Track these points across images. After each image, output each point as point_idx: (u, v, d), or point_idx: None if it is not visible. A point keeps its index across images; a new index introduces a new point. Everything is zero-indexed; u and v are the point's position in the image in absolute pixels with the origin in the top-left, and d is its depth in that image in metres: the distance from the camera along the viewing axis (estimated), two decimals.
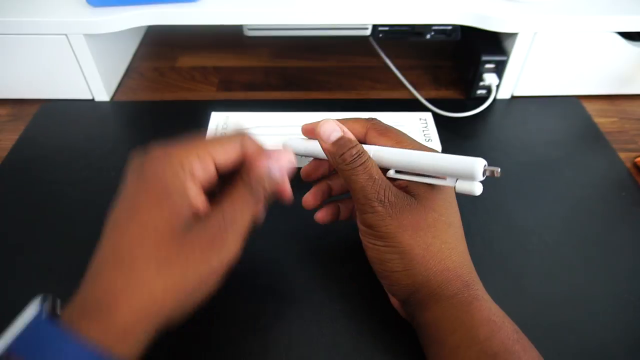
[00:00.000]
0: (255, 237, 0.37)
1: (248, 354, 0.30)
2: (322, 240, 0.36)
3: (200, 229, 0.23)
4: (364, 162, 0.27)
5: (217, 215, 0.24)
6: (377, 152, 0.29)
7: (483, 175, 0.25)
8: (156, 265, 0.22)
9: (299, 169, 0.32)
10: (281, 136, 0.41)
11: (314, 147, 0.31)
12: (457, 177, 0.26)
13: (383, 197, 0.26)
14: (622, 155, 0.44)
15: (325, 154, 0.29)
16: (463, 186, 0.26)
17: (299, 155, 0.32)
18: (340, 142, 0.28)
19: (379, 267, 0.28)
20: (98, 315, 0.21)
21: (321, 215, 0.32)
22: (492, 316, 0.26)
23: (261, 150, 0.26)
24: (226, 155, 0.25)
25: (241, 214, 0.24)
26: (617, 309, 0.33)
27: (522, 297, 0.33)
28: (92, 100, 0.50)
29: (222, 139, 0.26)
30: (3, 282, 0.34)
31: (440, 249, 0.27)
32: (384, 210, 0.26)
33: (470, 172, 0.25)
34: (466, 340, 0.25)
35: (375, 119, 0.31)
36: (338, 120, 0.30)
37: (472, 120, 0.48)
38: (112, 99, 0.51)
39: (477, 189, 0.25)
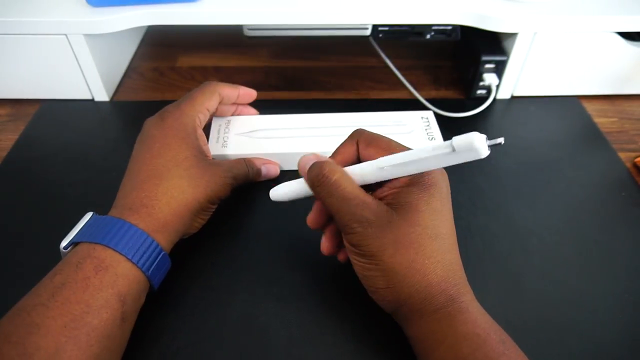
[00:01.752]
0: (256, 237, 0.37)
1: (248, 354, 0.30)
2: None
3: (216, 170, 0.34)
4: (333, 182, 0.27)
5: (226, 170, 0.34)
6: (365, 169, 0.28)
7: (488, 149, 0.24)
8: (188, 179, 0.32)
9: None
10: (282, 138, 0.41)
11: (300, 187, 0.31)
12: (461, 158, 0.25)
13: (360, 218, 0.26)
14: (622, 155, 0.44)
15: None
16: (466, 156, 0.25)
17: (289, 200, 0.32)
18: (311, 168, 0.28)
19: (364, 283, 0.28)
20: (144, 211, 0.30)
21: (326, 247, 0.32)
22: (476, 329, 0.25)
23: (233, 91, 0.40)
24: (214, 102, 0.38)
25: (239, 171, 0.36)
26: (617, 309, 0.33)
27: (522, 297, 0.33)
28: (92, 100, 0.50)
29: (206, 93, 0.37)
30: (2, 282, 0.34)
31: (424, 265, 0.26)
32: (363, 231, 0.26)
33: (473, 151, 0.24)
34: (449, 355, 0.25)
35: (360, 130, 0.30)
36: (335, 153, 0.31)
37: (472, 120, 0.48)
38: (112, 99, 0.51)
39: (483, 152, 0.24)
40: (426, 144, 0.40)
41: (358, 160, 0.30)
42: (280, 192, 0.32)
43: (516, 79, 0.49)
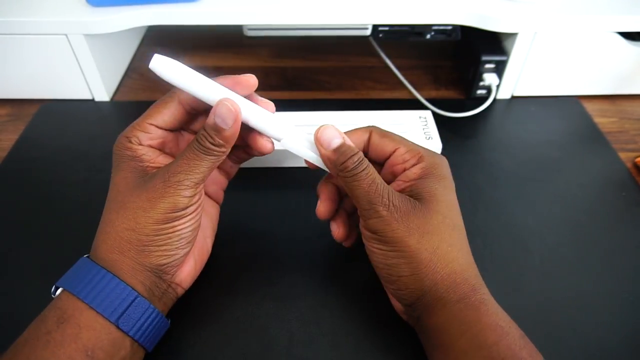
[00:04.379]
0: (255, 237, 0.37)
1: (248, 354, 0.30)
2: (322, 240, 0.36)
3: (149, 181, 0.27)
4: (365, 167, 0.27)
5: (164, 170, 0.27)
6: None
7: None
8: (116, 209, 0.27)
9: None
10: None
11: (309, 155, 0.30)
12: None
13: (387, 201, 0.26)
14: (622, 155, 0.44)
15: (324, 162, 0.29)
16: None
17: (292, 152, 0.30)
18: (341, 149, 0.27)
19: (385, 272, 0.28)
20: (93, 254, 0.27)
21: (340, 234, 0.32)
22: (499, 321, 0.26)
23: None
24: (162, 117, 0.29)
25: (187, 167, 0.27)
26: (617, 309, 0.33)
27: (522, 297, 0.33)
28: (92, 100, 0.50)
29: (158, 104, 0.29)
30: (2, 282, 0.34)
31: (447, 252, 0.27)
32: (389, 215, 0.26)
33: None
34: (473, 345, 0.25)
35: (374, 126, 0.31)
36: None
37: (472, 120, 0.48)
38: (112, 99, 0.51)
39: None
40: (423, 143, 0.40)
41: (366, 149, 0.31)
42: (293, 143, 0.30)
43: (516, 79, 0.49)
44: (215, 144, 0.27)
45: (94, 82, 0.48)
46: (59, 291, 0.26)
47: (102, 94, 0.49)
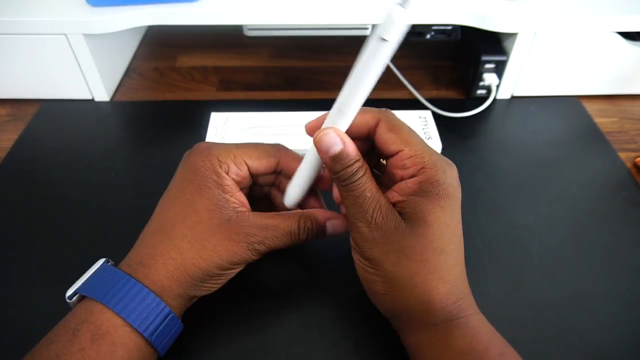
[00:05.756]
0: None
1: (248, 354, 0.30)
2: (322, 240, 0.36)
3: (233, 228, 0.27)
4: (359, 178, 0.26)
5: (253, 228, 0.27)
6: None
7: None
8: (191, 240, 0.27)
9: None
10: (282, 135, 0.41)
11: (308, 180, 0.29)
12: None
13: (370, 218, 0.25)
14: (622, 155, 0.44)
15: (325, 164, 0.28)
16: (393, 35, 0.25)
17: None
18: (339, 156, 0.25)
19: (364, 284, 0.28)
20: (142, 270, 0.26)
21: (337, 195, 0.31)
22: (474, 344, 0.25)
23: (296, 162, 0.30)
24: (259, 163, 0.29)
25: (272, 240, 0.28)
26: (617, 309, 0.33)
27: (522, 298, 0.33)
28: (92, 100, 0.50)
29: (260, 148, 0.30)
30: (3, 282, 0.33)
31: (426, 279, 0.25)
32: (368, 233, 0.26)
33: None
34: None
35: (387, 111, 0.29)
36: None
37: (472, 120, 0.47)
38: (112, 99, 0.51)
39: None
40: None
41: (367, 137, 0.29)
42: (295, 194, 0.30)
43: (516, 79, 0.49)
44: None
45: (93, 82, 0.48)
46: (87, 302, 0.25)
47: (102, 94, 0.49)
